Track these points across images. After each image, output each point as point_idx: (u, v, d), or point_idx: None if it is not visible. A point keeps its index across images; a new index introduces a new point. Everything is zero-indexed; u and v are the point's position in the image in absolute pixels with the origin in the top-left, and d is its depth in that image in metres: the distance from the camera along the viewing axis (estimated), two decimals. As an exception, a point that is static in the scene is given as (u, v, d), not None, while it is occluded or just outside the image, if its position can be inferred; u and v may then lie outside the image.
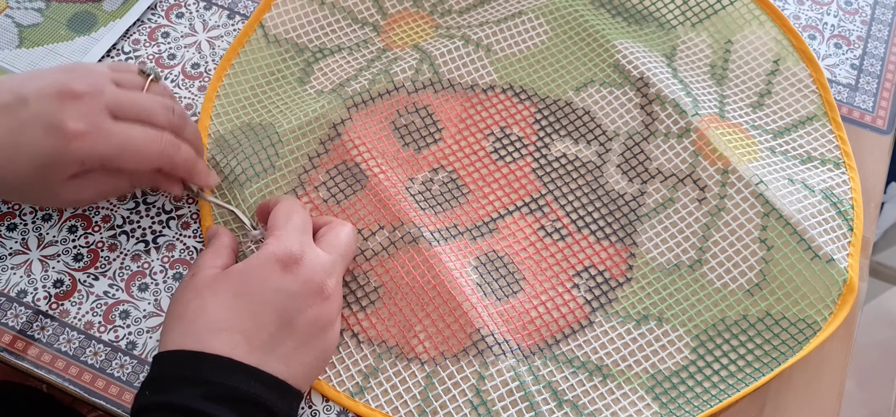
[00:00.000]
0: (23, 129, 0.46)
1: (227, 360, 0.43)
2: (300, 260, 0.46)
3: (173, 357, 0.44)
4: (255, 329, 0.45)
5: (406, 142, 0.59)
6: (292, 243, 0.47)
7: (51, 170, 0.47)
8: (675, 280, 0.55)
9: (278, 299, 0.45)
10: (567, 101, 0.61)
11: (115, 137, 0.48)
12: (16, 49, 0.62)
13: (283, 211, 0.50)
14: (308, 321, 0.46)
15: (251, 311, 0.45)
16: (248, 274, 0.46)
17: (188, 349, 0.44)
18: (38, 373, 0.51)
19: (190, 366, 0.43)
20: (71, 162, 0.47)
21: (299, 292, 0.46)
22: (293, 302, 0.46)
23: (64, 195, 0.49)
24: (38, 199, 0.53)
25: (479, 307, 0.52)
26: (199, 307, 0.45)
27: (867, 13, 0.68)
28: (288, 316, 0.45)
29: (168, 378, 0.43)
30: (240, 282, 0.46)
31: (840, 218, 0.56)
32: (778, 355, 0.51)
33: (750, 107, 0.61)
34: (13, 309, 0.53)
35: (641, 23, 0.65)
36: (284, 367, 0.45)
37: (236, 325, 0.44)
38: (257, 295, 0.45)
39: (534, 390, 0.50)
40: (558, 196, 0.58)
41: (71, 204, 0.55)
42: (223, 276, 0.46)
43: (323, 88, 0.61)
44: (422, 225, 0.55)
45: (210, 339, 0.44)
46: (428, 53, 0.62)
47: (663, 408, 0.50)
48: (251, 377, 0.43)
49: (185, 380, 0.43)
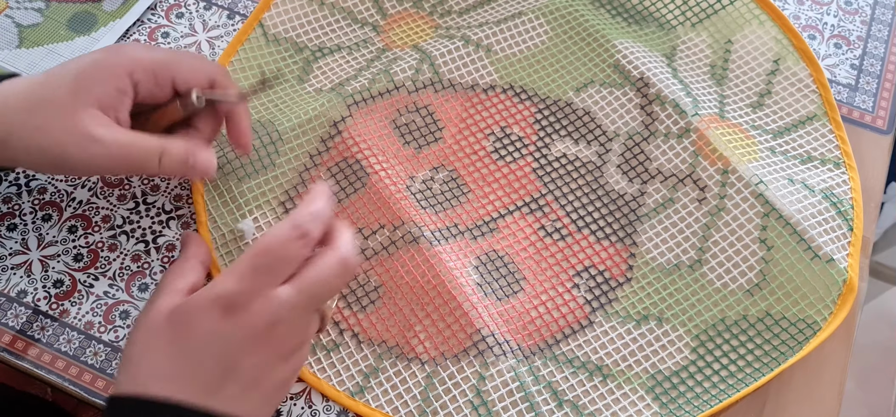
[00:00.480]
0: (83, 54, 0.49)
1: (172, 406, 0.41)
2: (244, 307, 0.42)
3: (121, 402, 0.42)
4: (192, 376, 0.42)
5: (406, 141, 0.59)
6: (239, 285, 0.42)
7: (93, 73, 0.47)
8: (675, 280, 0.55)
9: (217, 346, 0.42)
10: (567, 101, 0.61)
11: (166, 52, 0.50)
12: (16, 49, 0.62)
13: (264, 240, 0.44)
14: (253, 365, 0.43)
15: (189, 360, 0.42)
16: (188, 317, 0.43)
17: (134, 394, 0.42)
18: (38, 373, 0.51)
19: (135, 411, 0.42)
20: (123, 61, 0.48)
21: (241, 339, 0.42)
22: (232, 350, 0.42)
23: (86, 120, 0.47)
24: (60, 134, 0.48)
25: (480, 307, 0.52)
26: (142, 352, 0.43)
27: (867, 13, 0.68)
28: (229, 362, 0.42)
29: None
30: (181, 326, 0.43)
31: (840, 218, 0.56)
32: (778, 355, 0.51)
33: (750, 106, 0.61)
34: (13, 309, 0.53)
35: (641, 23, 0.65)
36: (230, 407, 0.43)
37: (174, 372, 0.42)
38: (195, 341, 0.42)
39: (534, 390, 0.50)
40: (558, 196, 0.58)
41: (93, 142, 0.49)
42: (170, 316, 0.43)
43: (322, 87, 0.61)
44: (422, 225, 0.55)
45: (152, 384, 0.42)
46: (428, 53, 0.62)
47: (663, 408, 0.50)
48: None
49: None
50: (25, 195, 0.57)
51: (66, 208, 0.56)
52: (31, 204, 0.56)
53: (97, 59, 0.48)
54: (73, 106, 0.47)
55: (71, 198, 0.57)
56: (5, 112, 0.48)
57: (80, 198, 0.57)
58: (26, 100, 0.48)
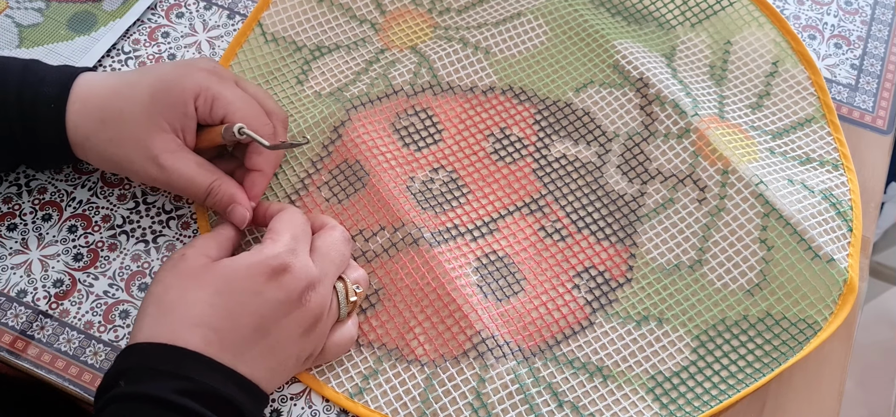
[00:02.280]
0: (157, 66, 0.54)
1: (205, 358, 0.44)
2: (289, 270, 0.46)
3: (148, 349, 0.44)
4: (230, 329, 0.45)
5: (406, 143, 0.59)
6: (284, 251, 0.47)
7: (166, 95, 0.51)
8: (676, 280, 0.55)
9: (259, 305, 0.45)
10: (567, 102, 0.61)
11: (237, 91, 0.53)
12: (16, 49, 0.62)
13: (286, 218, 0.50)
14: (282, 328, 0.46)
15: (230, 312, 0.45)
16: (234, 272, 0.46)
17: (163, 341, 0.44)
18: (38, 373, 0.51)
19: (166, 359, 0.43)
20: (191, 86, 0.51)
21: (281, 301, 0.46)
22: (272, 311, 0.46)
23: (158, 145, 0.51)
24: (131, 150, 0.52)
25: (479, 308, 0.52)
26: (179, 296, 0.45)
27: (867, 13, 0.68)
28: (265, 322, 0.46)
29: (143, 369, 0.43)
30: (225, 280, 0.46)
31: (840, 218, 0.56)
32: (778, 355, 0.51)
33: (749, 107, 0.61)
34: (13, 309, 0.53)
35: (641, 22, 0.65)
36: (250, 370, 0.45)
37: (213, 323, 0.45)
38: (238, 296, 0.45)
39: (534, 392, 0.50)
40: (558, 196, 0.58)
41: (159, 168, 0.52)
42: (209, 269, 0.46)
43: (321, 90, 0.61)
44: (422, 226, 0.55)
45: (185, 332, 0.44)
46: (426, 57, 0.62)
47: (664, 409, 0.50)
48: (227, 377, 0.44)
49: (161, 373, 0.43)
50: (25, 195, 0.57)
51: (66, 208, 0.56)
52: (31, 204, 0.56)
53: (170, 79, 0.52)
54: (148, 129, 0.51)
55: (71, 197, 0.57)
56: (84, 116, 0.51)
57: (80, 198, 0.57)
58: (101, 110, 0.51)
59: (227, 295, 0.45)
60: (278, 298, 0.46)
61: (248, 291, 0.46)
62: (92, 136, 0.51)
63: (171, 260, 0.48)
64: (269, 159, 0.54)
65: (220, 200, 0.52)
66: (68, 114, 0.51)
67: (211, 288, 0.46)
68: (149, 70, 0.53)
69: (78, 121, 0.51)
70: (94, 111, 0.51)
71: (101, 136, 0.51)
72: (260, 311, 0.46)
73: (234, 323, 0.45)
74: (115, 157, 0.52)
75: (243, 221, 0.52)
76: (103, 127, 0.51)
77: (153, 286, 0.47)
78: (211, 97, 0.52)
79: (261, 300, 0.46)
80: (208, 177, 0.52)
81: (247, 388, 0.45)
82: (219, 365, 0.44)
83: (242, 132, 0.51)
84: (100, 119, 0.51)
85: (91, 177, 0.58)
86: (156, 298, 0.46)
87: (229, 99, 0.52)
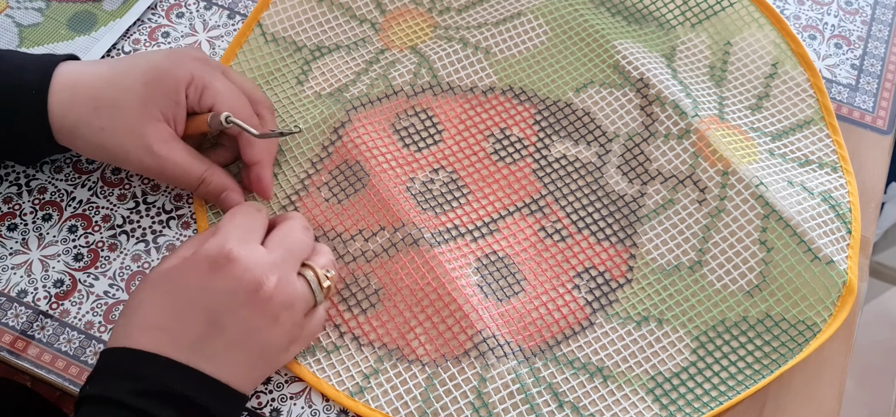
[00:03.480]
0: (145, 55, 0.53)
1: (159, 357, 0.44)
2: (232, 259, 0.45)
3: (110, 352, 0.45)
4: (180, 327, 0.45)
5: (406, 144, 0.59)
6: (224, 241, 0.46)
7: (159, 84, 0.51)
8: (676, 281, 0.55)
9: (204, 298, 0.45)
10: (567, 102, 0.61)
11: (226, 81, 0.53)
12: (16, 49, 0.62)
13: (234, 211, 0.50)
14: (240, 320, 0.45)
15: (177, 310, 0.45)
16: (176, 271, 0.46)
17: (121, 345, 0.44)
18: (38, 373, 0.51)
19: (121, 361, 0.44)
20: (183, 75, 0.51)
21: (231, 291, 0.45)
22: (221, 301, 0.45)
23: (151, 133, 0.51)
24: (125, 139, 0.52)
25: (480, 308, 0.52)
26: (137, 303, 0.46)
27: (867, 13, 0.68)
28: (215, 315, 0.45)
29: (104, 372, 0.44)
30: (168, 280, 0.46)
31: (839, 220, 0.56)
32: (778, 356, 0.52)
33: (749, 109, 0.61)
34: (13, 309, 0.53)
35: (641, 23, 0.65)
36: (213, 367, 0.45)
37: (162, 323, 0.45)
38: (182, 293, 0.45)
39: (535, 392, 0.50)
40: (558, 197, 0.58)
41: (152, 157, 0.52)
42: (162, 277, 0.47)
43: (321, 91, 0.61)
44: (422, 227, 0.55)
45: (138, 335, 0.45)
46: (426, 57, 0.62)
47: (664, 410, 0.50)
48: (185, 375, 0.44)
49: (119, 375, 0.43)
50: (25, 195, 0.57)
51: (66, 208, 0.56)
52: (31, 204, 0.56)
53: (162, 68, 0.52)
54: (141, 117, 0.51)
55: (71, 197, 0.57)
56: (73, 104, 0.51)
57: (80, 198, 0.57)
58: (93, 99, 0.51)
59: (174, 293, 0.46)
60: (227, 288, 0.45)
61: (192, 286, 0.45)
62: (82, 124, 0.51)
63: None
64: (263, 148, 0.54)
65: (213, 189, 0.53)
66: (52, 102, 0.50)
67: (160, 288, 0.46)
68: (138, 58, 0.53)
69: (66, 110, 0.51)
70: (85, 99, 0.51)
71: (94, 124, 0.51)
72: (209, 305, 0.45)
73: (182, 320, 0.45)
74: (108, 145, 0.51)
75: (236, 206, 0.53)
76: (96, 115, 0.51)
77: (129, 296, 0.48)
78: (201, 86, 0.52)
79: (207, 293, 0.45)
80: (201, 166, 0.52)
81: (207, 385, 0.44)
82: (171, 363, 0.44)
83: (229, 121, 0.51)
84: (93, 107, 0.51)
85: (91, 176, 0.58)
86: (125, 307, 0.47)
87: (218, 88, 0.52)
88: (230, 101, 0.53)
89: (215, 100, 0.52)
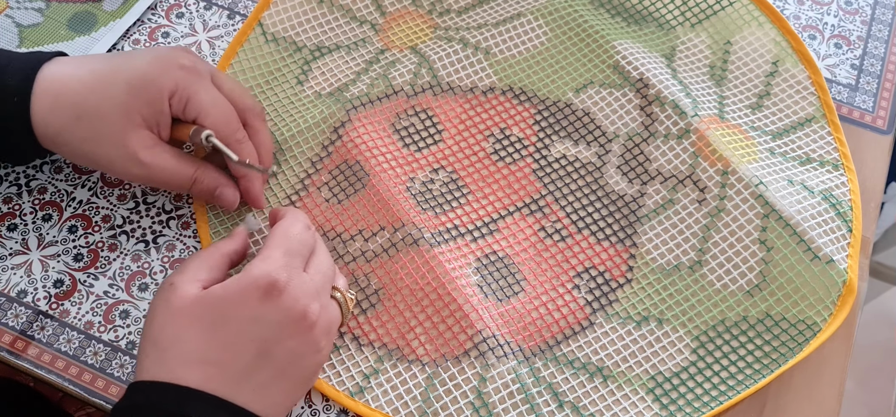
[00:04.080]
0: (129, 58, 0.51)
1: (206, 395, 0.42)
2: (283, 289, 0.44)
3: (149, 387, 0.43)
4: (230, 360, 0.43)
5: (406, 144, 0.59)
6: (275, 268, 0.44)
7: (142, 92, 0.49)
8: (676, 281, 0.55)
9: (256, 330, 0.44)
10: (567, 103, 0.61)
11: (212, 92, 0.51)
12: (16, 49, 0.62)
13: (279, 232, 0.47)
14: (287, 350, 0.44)
15: (227, 342, 0.43)
16: (225, 301, 0.44)
17: (160, 380, 0.42)
18: (38, 373, 0.51)
19: (166, 398, 0.42)
20: (167, 83, 0.49)
21: (280, 322, 0.44)
22: (272, 333, 0.44)
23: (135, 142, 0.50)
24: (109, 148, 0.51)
25: (480, 308, 0.52)
26: (174, 335, 0.44)
27: (867, 13, 0.68)
28: (266, 346, 0.44)
29: (145, 408, 0.42)
30: (216, 310, 0.44)
31: (839, 219, 0.56)
32: (778, 356, 0.52)
33: (749, 108, 0.61)
34: (13, 309, 0.53)
35: (641, 23, 0.65)
36: (258, 398, 0.44)
37: (211, 357, 0.43)
38: (234, 325, 0.44)
39: (535, 392, 0.50)
40: (558, 197, 0.58)
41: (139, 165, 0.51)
42: (200, 302, 0.44)
43: (321, 91, 0.61)
44: (422, 227, 0.55)
45: (183, 371, 0.43)
46: (426, 57, 0.62)
47: (664, 409, 0.50)
48: (230, 413, 0.42)
49: (163, 412, 0.42)
50: (25, 195, 0.57)
51: (66, 208, 0.56)
52: (31, 204, 0.56)
53: (147, 75, 0.50)
54: (123, 127, 0.50)
55: (71, 197, 0.57)
56: (56, 112, 0.50)
57: (80, 198, 0.57)
58: (75, 106, 0.49)
59: (222, 325, 0.43)
60: (277, 320, 0.44)
61: (243, 318, 0.44)
62: (64, 132, 0.50)
63: (161, 291, 0.46)
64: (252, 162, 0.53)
65: (206, 188, 0.52)
66: (35, 109, 0.49)
67: (205, 320, 0.44)
68: (124, 62, 0.51)
69: (48, 118, 0.49)
70: (67, 107, 0.49)
71: (76, 133, 0.50)
72: (259, 336, 0.44)
73: (233, 352, 0.43)
74: (92, 155, 0.51)
75: (234, 202, 0.52)
76: (78, 123, 0.49)
77: (148, 324, 0.45)
78: (186, 97, 0.50)
79: (259, 324, 0.44)
80: (189, 168, 0.52)
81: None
82: (220, 402, 0.42)
83: (209, 140, 0.51)
84: (74, 115, 0.49)
85: (91, 176, 0.58)
86: (152, 338, 0.44)
87: (202, 100, 0.51)
88: (214, 116, 0.51)
89: (199, 112, 0.51)
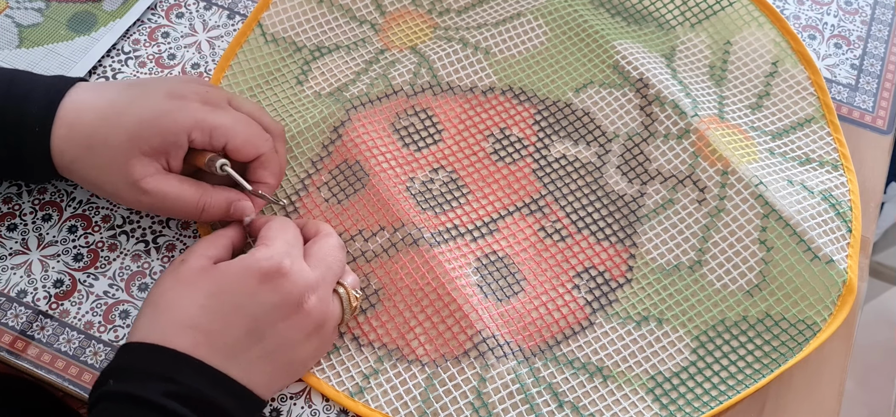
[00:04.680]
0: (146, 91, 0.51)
1: (193, 360, 0.44)
2: (285, 274, 0.46)
3: (139, 349, 0.44)
4: (219, 331, 0.45)
5: (406, 144, 0.59)
6: (279, 255, 0.47)
7: (154, 124, 0.49)
8: (675, 281, 0.55)
9: (251, 308, 0.45)
10: (567, 103, 0.61)
11: (232, 114, 0.52)
12: (16, 49, 0.62)
13: (277, 225, 0.50)
14: (278, 334, 0.46)
15: (219, 313, 0.45)
16: (226, 275, 0.46)
17: (154, 341, 0.44)
18: (38, 373, 0.51)
19: (155, 360, 0.44)
20: (185, 120, 0.49)
21: (276, 304, 0.46)
22: (265, 314, 0.46)
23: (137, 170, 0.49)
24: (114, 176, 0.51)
25: (480, 308, 0.52)
26: (173, 300, 0.46)
27: (867, 13, 0.68)
28: (258, 325, 0.46)
29: (132, 370, 0.44)
30: (217, 283, 0.46)
31: (839, 219, 0.56)
32: (778, 356, 0.52)
33: (749, 108, 0.61)
34: (13, 309, 0.53)
35: (640, 23, 0.65)
36: (245, 374, 0.45)
37: (203, 324, 0.45)
38: (229, 299, 0.45)
39: (534, 392, 0.50)
40: (558, 197, 0.58)
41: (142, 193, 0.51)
42: (204, 272, 0.46)
43: (321, 91, 0.61)
44: (422, 227, 0.55)
45: (174, 334, 0.44)
46: (426, 57, 0.62)
47: (664, 409, 0.50)
48: (216, 381, 0.44)
49: (150, 374, 0.43)
50: (25, 195, 0.57)
51: (66, 208, 0.56)
52: (31, 204, 0.56)
53: (161, 112, 0.50)
54: (126, 154, 0.49)
55: (71, 197, 0.57)
56: (70, 141, 0.50)
57: (80, 198, 0.57)
58: (87, 136, 0.50)
59: (219, 296, 0.45)
60: (273, 301, 0.46)
61: (240, 293, 0.46)
62: (77, 161, 0.50)
63: (172, 264, 0.48)
64: (272, 171, 0.53)
65: (217, 208, 0.52)
66: (54, 139, 0.50)
67: (204, 290, 0.46)
68: (141, 95, 0.51)
69: (64, 147, 0.50)
70: (80, 138, 0.50)
71: (87, 163, 0.50)
72: (253, 314, 0.45)
73: (224, 325, 0.45)
74: (101, 184, 0.51)
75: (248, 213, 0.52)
76: (90, 153, 0.50)
77: (152, 290, 0.47)
78: (209, 129, 0.50)
79: (254, 302, 0.45)
80: (196, 192, 0.51)
81: (236, 392, 0.45)
82: (207, 368, 0.44)
83: (224, 169, 0.51)
84: (87, 145, 0.50)
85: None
86: (153, 301, 0.46)
87: (228, 125, 0.51)
88: (242, 135, 0.51)
89: (226, 136, 0.51)
